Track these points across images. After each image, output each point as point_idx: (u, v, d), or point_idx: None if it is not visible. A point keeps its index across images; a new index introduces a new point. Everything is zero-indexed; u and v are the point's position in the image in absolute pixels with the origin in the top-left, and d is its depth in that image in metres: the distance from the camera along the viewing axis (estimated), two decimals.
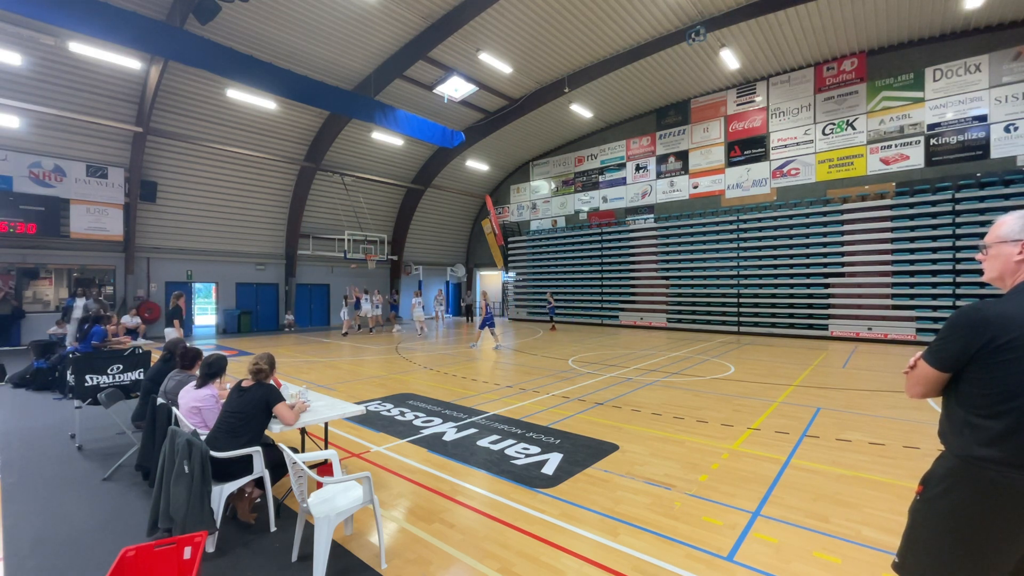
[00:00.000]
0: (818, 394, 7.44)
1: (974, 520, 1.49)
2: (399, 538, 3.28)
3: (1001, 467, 1.46)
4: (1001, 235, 1.64)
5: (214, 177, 16.87)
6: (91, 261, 15.12)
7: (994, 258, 1.67)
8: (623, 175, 20.88)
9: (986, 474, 1.48)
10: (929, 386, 1.66)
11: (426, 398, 7.32)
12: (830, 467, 4.46)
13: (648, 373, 9.36)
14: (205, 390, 3.71)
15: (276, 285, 19.88)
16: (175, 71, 13.67)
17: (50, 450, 5.11)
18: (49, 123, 13.48)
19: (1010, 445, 1.44)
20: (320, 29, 13.34)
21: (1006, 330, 1.47)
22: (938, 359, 1.61)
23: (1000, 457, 1.46)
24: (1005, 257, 1.63)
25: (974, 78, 13.43)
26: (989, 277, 1.71)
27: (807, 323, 15.40)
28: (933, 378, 1.63)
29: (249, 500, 3.56)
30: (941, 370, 1.60)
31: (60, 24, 9.16)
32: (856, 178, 15.29)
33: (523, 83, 17.32)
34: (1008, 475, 1.44)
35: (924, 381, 1.66)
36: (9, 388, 8.43)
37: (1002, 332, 1.47)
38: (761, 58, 15.70)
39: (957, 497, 1.53)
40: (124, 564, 2.31)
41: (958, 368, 1.56)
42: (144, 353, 6.51)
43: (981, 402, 1.51)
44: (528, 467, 4.49)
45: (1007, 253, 1.62)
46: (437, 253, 26.45)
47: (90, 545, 3.21)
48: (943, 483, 1.58)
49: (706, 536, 3.24)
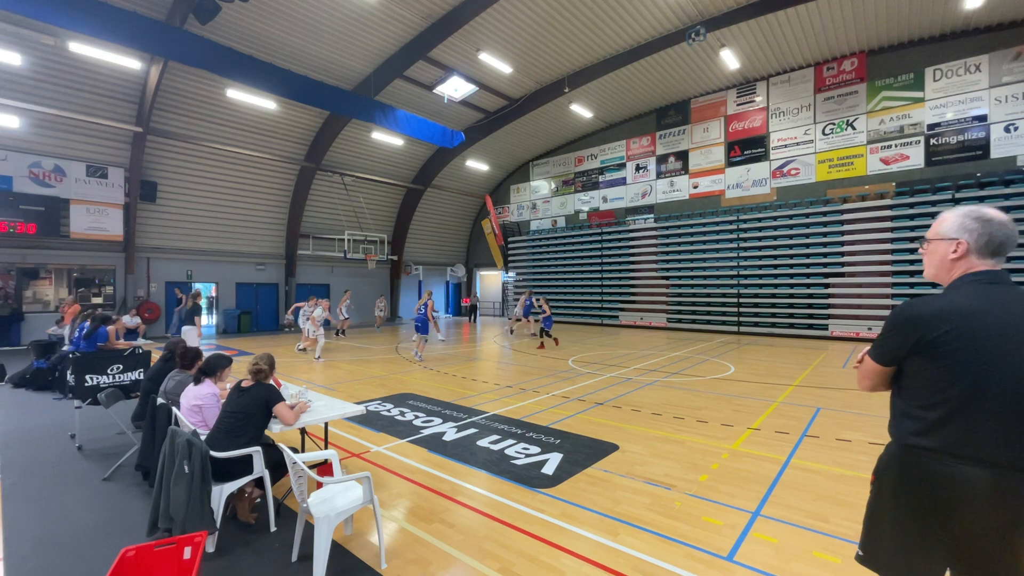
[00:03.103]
0: (818, 394, 7.44)
1: (916, 505, 1.54)
2: (399, 538, 3.28)
3: (934, 454, 1.51)
4: (940, 232, 1.65)
5: (214, 177, 16.86)
6: (91, 261, 15.12)
7: (931, 254, 1.68)
8: (623, 175, 20.88)
9: (922, 461, 1.54)
10: (875, 379, 1.71)
11: (426, 398, 7.32)
12: (830, 467, 4.46)
13: (648, 373, 9.36)
14: (206, 388, 3.71)
15: (276, 285, 19.87)
16: (175, 71, 13.67)
17: (50, 450, 5.11)
18: (49, 123, 13.47)
19: (942, 434, 1.50)
20: (320, 29, 13.34)
21: (936, 326, 1.50)
22: (878, 354, 1.67)
23: (933, 445, 1.51)
24: (941, 255, 1.64)
25: (974, 78, 13.43)
26: (927, 274, 1.71)
27: (807, 323, 15.39)
28: (877, 372, 1.69)
29: (249, 500, 3.56)
30: (882, 364, 1.67)
31: (60, 24, 9.17)
32: (856, 178, 15.29)
33: (523, 83, 17.32)
34: (943, 463, 1.49)
35: (870, 375, 1.72)
36: (9, 388, 8.43)
37: (932, 328, 1.51)
38: (761, 58, 15.70)
39: (900, 484, 1.59)
40: (124, 564, 2.31)
41: (896, 362, 1.63)
42: (144, 353, 6.51)
43: (918, 394, 1.56)
44: (528, 467, 4.49)
45: (943, 251, 1.63)
46: (437, 253, 26.44)
47: (90, 545, 3.21)
48: (887, 471, 1.64)
49: (706, 536, 3.24)
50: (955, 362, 1.48)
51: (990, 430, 1.43)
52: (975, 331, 1.46)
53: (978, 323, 1.47)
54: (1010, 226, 1.56)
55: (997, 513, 1.43)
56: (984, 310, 1.48)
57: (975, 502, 1.44)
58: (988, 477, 1.43)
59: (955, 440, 1.48)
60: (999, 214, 1.57)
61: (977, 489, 1.44)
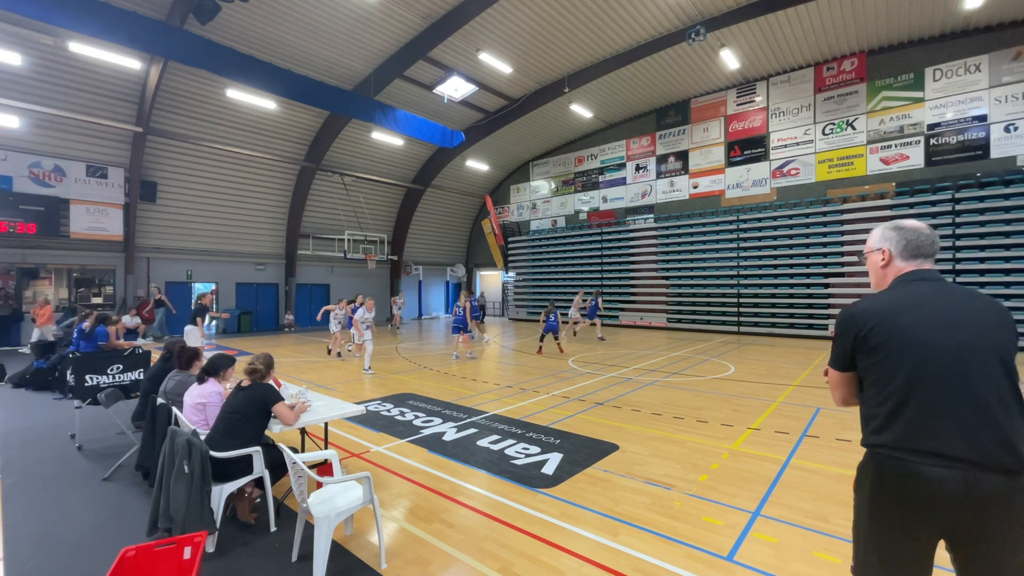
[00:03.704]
0: (818, 394, 7.44)
1: (887, 508, 1.53)
2: (399, 538, 3.28)
3: (891, 451, 1.52)
4: (868, 246, 1.82)
5: (214, 177, 16.87)
6: (91, 261, 15.12)
7: (868, 266, 1.84)
8: (623, 175, 20.88)
9: (885, 461, 1.55)
10: (842, 388, 1.77)
11: (426, 398, 7.32)
12: (830, 467, 4.47)
13: (648, 373, 9.36)
14: (210, 386, 3.71)
15: (276, 285, 19.88)
16: (175, 71, 13.67)
17: (50, 450, 5.11)
18: (49, 123, 13.47)
19: (894, 428, 1.52)
20: (320, 29, 13.34)
21: (865, 322, 1.60)
22: (831, 359, 1.76)
23: (888, 441, 1.53)
24: (873, 265, 1.80)
25: (974, 78, 13.43)
26: (872, 286, 1.83)
27: (807, 323, 15.39)
28: (838, 379, 1.76)
29: (249, 500, 3.56)
30: (839, 369, 1.73)
31: (60, 24, 9.17)
32: (856, 178, 15.29)
33: (523, 83, 17.32)
34: (900, 459, 1.50)
35: (835, 384, 1.78)
36: (9, 388, 8.43)
37: (863, 325, 1.61)
38: (761, 58, 15.70)
39: (870, 488, 1.59)
40: (124, 564, 2.31)
41: (849, 365, 1.69)
42: (144, 353, 6.50)
43: (870, 394, 1.61)
44: (528, 467, 4.49)
45: (874, 261, 1.79)
46: (437, 253, 26.44)
47: (90, 545, 3.21)
48: (860, 479, 1.66)
49: (706, 536, 3.24)
50: (889, 352, 1.54)
51: (941, 419, 1.44)
52: (901, 321, 1.55)
53: (903, 314, 1.56)
54: (924, 230, 1.71)
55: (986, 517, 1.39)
56: (908, 303, 1.58)
57: (951, 505, 1.41)
58: (958, 478, 1.40)
59: (908, 432, 1.48)
60: (913, 222, 1.75)
61: (948, 491, 1.41)
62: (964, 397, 1.44)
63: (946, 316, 1.52)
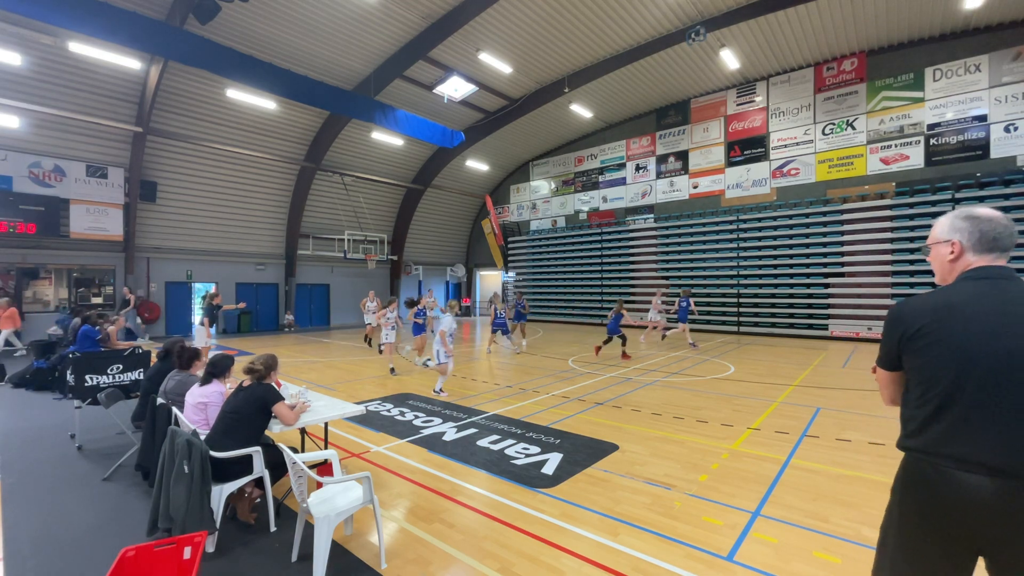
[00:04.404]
0: (818, 394, 7.44)
1: (918, 515, 1.48)
2: (399, 538, 3.28)
3: (924, 455, 1.48)
4: (935, 236, 1.66)
5: (214, 177, 16.86)
6: (91, 261, 15.12)
7: (933, 259, 1.69)
8: (623, 175, 20.88)
9: (918, 465, 1.50)
10: (889, 388, 1.70)
11: (426, 398, 7.32)
12: (830, 467, 4.46)
13: (648, 373, 9.36)
14: (212, 386, 3.72)
15: (276, 285, 19.88)
16: (175, 71, 13.67)
17: (50, 450, 5.11)
18: (49, 123, 13.47)
19: (930, 433, 1.46)
20: (320, 29, 13.34)
21: (913, 322, 1.53)
22: (878, 358, 1.70)
23: (923, 446, 1.48)
24: (940, 257, 1.65)
25: (974, 78, 13.43)
26: (936, 279, 1.71)
27: (807, 323, 15.39)
28: (886, 379, 1.69)
29: (249, 500, 3.56)
30: (886, 369, 1.67)
31: (60, 24, 9.17)
32: (856, 178, 15.29)
33: (523, 83, 17.32)
34: (934, 464, 1.45)
35: (883, 383, 1.72)
36: (9, 388, 8.43)
37: (910, 325, 1.53)
38: (761, 58, 15.70)
39: (900, 492, 1.55)
40: (124, 564, 2.31)
41: (895, 365, 1.63)
42: (144, 353, 6.50)
43: (912, 395, 1.56)
44: (528, 467, 4.48)
45: (941, 254, 1.64)
46: (437, 253, 26.44)
47: (90, 545, 3.21)
48: (895, 482, 1.62)
49: (706, 536, 3.24)
50: (934, 356, 1.47)
51: (984, 427, 1.37)
52: (949, 324, 1.46)
53: (953, 316, 1.46)
54: (1001, 220, 1.55)
55: None
56: (960, 304, 1.47)
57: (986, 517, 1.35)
58: (996, 489, 1.34)
59: (945, 438, 1.43)
60: (989, 211, 1.58)
61: (984, 502, 1.35)
62: (1010, 407, 1.35)
63: (998, 320, 1.41)
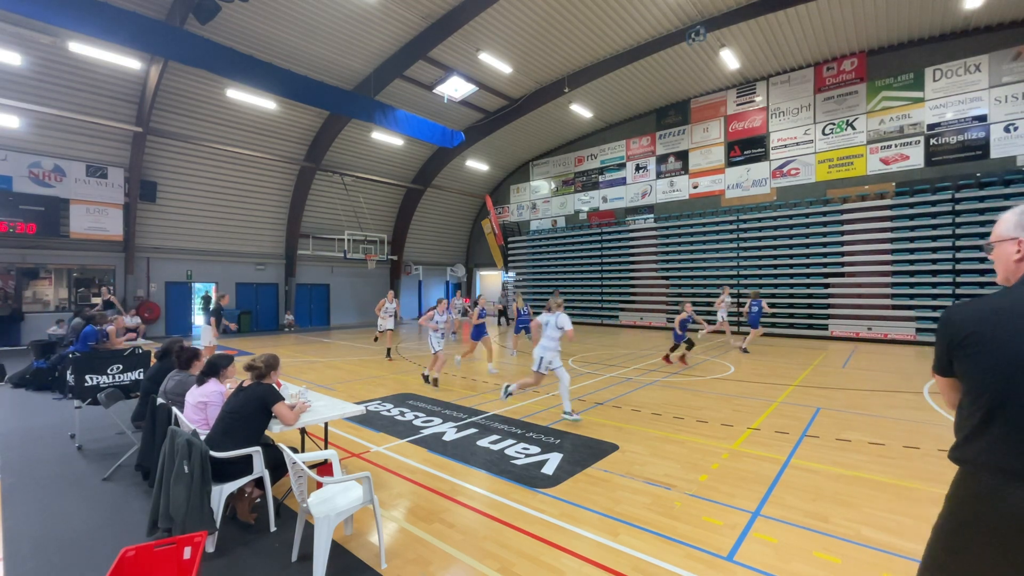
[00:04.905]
0: (818, 394, 7.44)
1: (965, 529, 1.40)
2: (399, 538, 3.28)
3: (972, 466, 1.41)
4: (1000, 233, 1.54)
5: (214, 177, 16.87)
6: (91, 261, 15.12)
7: (997, 258, 1.57)
8: (623, 175, 20.88)
9: (966, 477, 1.43)
10: (947, 393, 1.63)
11: (426, 398, 7.32)
12: (830, 467, 4.46)
13: (648, 373, 9.35)
14: (211, 386, 3.71)
15: (276, 285, 19.88)
16: (175, 71, 13.67)
17: (50, 450, 5.11)
18: (49, 123, 13.47)
19: (978, 444, 1.40)
20: (320, 29, 13.34)
21: (961, 329, 1.46)
22: (934, 364, 1.63)
23: (971, 456, 1.41)
24: (1005, 256, 1.53)
25: (974, 78, 13.43)
26: (999, 279, 1.60)
27: (807, 323, 15.39)
28: (943, 385, 1.62)
29: (249, 500, 3.56)
30: (940, 375, 1.60)
31: (60, 24, 9.16)
32: (856, 178, 15.29)
33: (523, 83, 17.32)
34: (981, 477, 1.38)
35: (942, 388, 1.64)
36: (9, 388, 8.43)
37: (960, 330, 1.46)
38: (761, 58, 15.70)
39: (951, 505, 1.46)
40: (124, 564, 2.31)
41: (948, 371, 1.55)
42: (144, 353, 6.50)
43: (964, 403, 1.49)
44: (528, 467, 4.48)
45: (1006, 253, 1.52)
46: (437, 253, 26.44)
47: (90, 545, 3.21)
48: (947, 497, 1.52)
49: (706, 536, 3.24)
50: (983, 363, 1.39)
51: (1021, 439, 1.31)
52: (998, 330, 1.37)
53: (1004, 322, 1.37)
54: None
55: None
56: (1013, 309, 1.37)
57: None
58: None
59: (992, 448, 1.35)
60: None
61: None
62: None
63: None
